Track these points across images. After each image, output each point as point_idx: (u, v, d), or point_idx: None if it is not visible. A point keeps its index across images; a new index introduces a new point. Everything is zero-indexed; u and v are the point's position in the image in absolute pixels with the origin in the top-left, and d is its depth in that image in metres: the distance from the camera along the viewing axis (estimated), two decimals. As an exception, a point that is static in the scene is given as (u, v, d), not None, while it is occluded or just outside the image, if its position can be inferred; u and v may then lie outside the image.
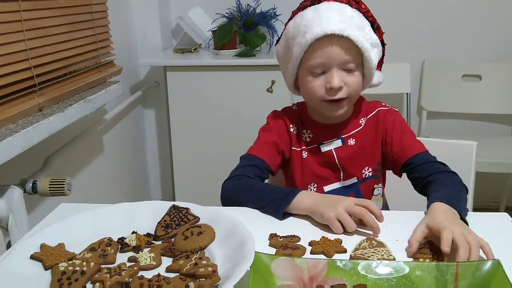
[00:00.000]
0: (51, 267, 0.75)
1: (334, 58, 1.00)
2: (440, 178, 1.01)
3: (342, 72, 1.01)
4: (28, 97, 1.31)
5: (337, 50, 0.99)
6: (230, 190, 1.05)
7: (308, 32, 0.98)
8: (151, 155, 2.65)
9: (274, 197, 0.98)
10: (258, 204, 0.99)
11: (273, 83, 2.15)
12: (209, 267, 0.72)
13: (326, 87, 1.02)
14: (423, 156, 1.08)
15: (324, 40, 0.98)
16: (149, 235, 0.86)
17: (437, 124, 2.59)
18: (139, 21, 2.38)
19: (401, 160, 1.09)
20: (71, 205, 1.05)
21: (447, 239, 0.79)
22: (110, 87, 1.70)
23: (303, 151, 1.13)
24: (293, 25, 1.04)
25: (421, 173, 1.06)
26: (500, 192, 2.56)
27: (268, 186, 1.07)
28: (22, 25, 1.27)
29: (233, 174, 1.08)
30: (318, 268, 0.75)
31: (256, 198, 1.00)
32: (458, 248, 0.77)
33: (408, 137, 1.11)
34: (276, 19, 2.34)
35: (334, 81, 1.00)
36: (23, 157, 1.21)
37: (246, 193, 1.02)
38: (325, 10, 0.99)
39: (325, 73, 1.02)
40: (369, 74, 1.06)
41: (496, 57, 2.48)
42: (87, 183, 1.85)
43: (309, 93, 1.06)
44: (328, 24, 0.97)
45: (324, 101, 1.04)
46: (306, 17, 1.00)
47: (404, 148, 1.09)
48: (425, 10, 2.46)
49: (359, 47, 1.00)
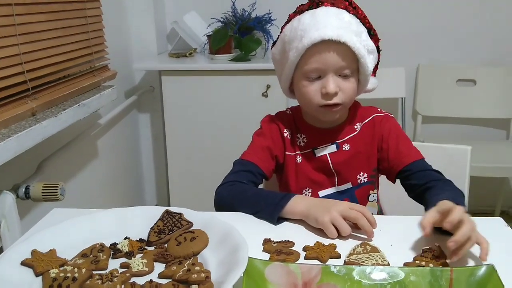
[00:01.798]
0: (42, 273, 0.75)
1: (330, 64, 0.99)
2: (439, 185, 1.02)
3: (337, 78, 1.01)
4: (21, 102, 1.30)
5: (334, 56, 0.99)
6: (224, 196, 1.04)
7: (305, 37, 0.98)
8: (146, 159, 2.64)
9: (268, 202, 0.97)
10: (252, 209, 0.99)
11: (268, 88, 2.14)
12: (202, 273, 0.72)
13: (321, 92, 1.01)
14: (420, 164, 1.08)
15: (320, 45, 0.98)
16: (142, 240, 0.86)
17: (432, 129, 2.59)
18: (134, 25, 2.38)
19: (397, 167, 1.09)
20: (63, 210, 1.04)
21: (454, 216, 0.78)
22: (104, 91, 1.69)
23: (297, 156, 1.12)
24: (290, 29, 1.03)
25: (418, 180, 1.05)
26: (494, 196, 2.56)
27: (262, 191, 1.07)
28: (16, 29, 1.26)
29: (227, 179, 1.08)
30: (312, 274, 0.74)
31: (250, 203, 0.99)
32: (462, 226, 0.77)
33: (404, 144, 1.10)
34: (272, 24, 2.34)
35: (329, 86, 1.00)
36: (16, 162, 1.20)
37: (240, 199, 1.02)
38: (322, 15, 0.99)
39: (320, 78, 1.02)
40: (364, 80, 1.06)
41: (491, 62, 2.49)
42: (81, 188, 1.84)
43: (304, 98, 1.05)
44: (326, 29, 0.97)
45: (319, 106, 1.04)
46: (303, 22, 1.00)
47: (400, 155, 1.09)
48: (420, 15, 2.47)
49: (355, 53, 0.99)
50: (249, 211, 0.99)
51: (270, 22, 2.34)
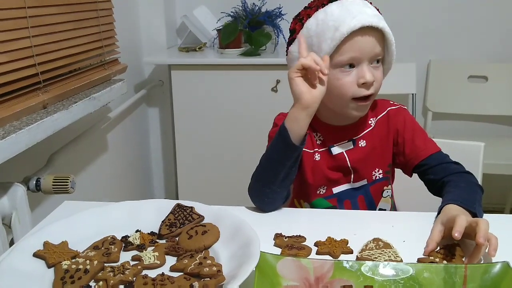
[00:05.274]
0: (54, 265, 0.75)
1: (366, 51, 0.98)
2: (454, 180, 1.00)
3: (370, 67, 1.00)
4: (32, 94, 1.30)
5: (370, 43, 0.98)
6: (251, 187, 1.03)
7: (342, 26, 0.95)
8: (155, 153, 2.65)
9: (275, 146, 0.98)
10: (273, 167, 0.98)
11: (278, 83, 2.14)
12: (213, 267, 0.72)
13: (358, 82, 0.99)
14: (437, 157, 1.06)
15: (357, 33, 0.96)
16: (153, 233, 0.86)
17: (442, 125, 2.57)
18: (144, 19, 2.38)
19: (414, 161, 1.07)
20: (75, 203, 1.04)
21: (460, 224, 0.79)
22: (114, 85, 1.69)
23: (315, 153, 1.10)
24: (315, 22, 1.00)
25: (435, 175, 1.04)
26: (505, 194, 2.54)
27: (266, 151, 1.05)
28: (28, 22, 1.26)
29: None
30: (324, 269, 0.74)
31: (267, 166, 1.00)
32: (478, 223, 0.78)
33: (420, 137, 1.09)
34: (282, 19, 2.33)
35: (367, 75, 0.98)
36: (26, 154, 1.20)
37: (259, 173, 1.01)
38: (352, 5, 0.98)
39: (353, 69, 1.00)
40: (387, 69, 1.05)
41: (503, 58, 2.46)
42: (90, 181, 1.84)
43: (338, 91, 1.01)
44: (363, 16, 0.96)
45: (353, 99, 1.01)
46: (332, 13, 0.98)
47: (417, 149, 1.07)
48: (431, 10, 2.44)
49: (384, 41, 1.00)
50: (273, 172, 0.98)
51: (280, 17, 2.33)
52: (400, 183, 1.17)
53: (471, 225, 0.80)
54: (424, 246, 0.84)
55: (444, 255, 0.80)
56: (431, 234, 0.85)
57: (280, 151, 0.97)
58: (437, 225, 0.86)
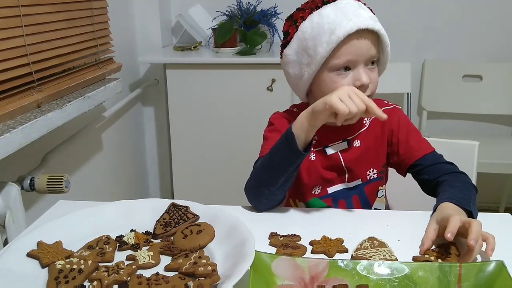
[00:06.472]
0: (48, 265, 0.74)
1: (362, 54, 0.98)
2: (449, 179, 1.00)
3: (365, 69, 1.00)
4: (26, 93, 1.30)
5: (366, 46, 0.98)
6: (250, 186, 1.01)
7: (338, 29, 0.95)
8: (150, 152, 2.64)
9: (280, 148, 0.96)
10: (274, 170, 0.96)
11: (273, 82, 2.13)
12: (208, 266, 0.71)
13: (354, 85, 0.98)
14: (431, 157, 1.06)
15: (353, 36, 0.96)
16: (148, 233, 0.85)
17: (437, 124, 2.58)
18: (139, 18, 2.37)
19: (408, 161, 1.07)
20: (69, 202, 1.04)
21: (453, 225, 0.79)
22: (109, 84, 1.69)
23: (310, 153, 1.10)
24: (311, 25, 0.99)
25: (429, 175, 1.04)
26: (499, 193, 2.55)
27: (268, 153, 1.02)
28: (21, 21, 1.26)
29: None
30: (319, 268, 0.74)
31: (269, 167, 0.98)
32: (471, 224, 0.78)
33: (414, 137, 1.09)
34: (277, 18, 2.32)
35: (363, 77, 0.98)
36: (21, 154, 1.20)
37: (261, 173, 1.00)
38: (347, 7, 0.98)
39: (350, 71, 1.00)
40: (381, 70, 1.06)
41: (497, 58, 2.47)
42: (85, 180, 1.84)
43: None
44: (359, 19, 0.96)
45: None
46: (327, 15, 0.97)
47: (411, 149, 1.07)
48: (426, 10, 2.45)
49: (380, 42, 1.00)
50: (274, 174, 0.97)
51: (276, 16, 2.33)
52: (393, 183, 1.18)
53: (465, 225, 0.80)
54: (419, 245, 0.84)
55: (439, 254, 0.80)
56: (426, 233, 0.85)
57: (285, 156, 0.96)
58: (432, 223, 0.86)
